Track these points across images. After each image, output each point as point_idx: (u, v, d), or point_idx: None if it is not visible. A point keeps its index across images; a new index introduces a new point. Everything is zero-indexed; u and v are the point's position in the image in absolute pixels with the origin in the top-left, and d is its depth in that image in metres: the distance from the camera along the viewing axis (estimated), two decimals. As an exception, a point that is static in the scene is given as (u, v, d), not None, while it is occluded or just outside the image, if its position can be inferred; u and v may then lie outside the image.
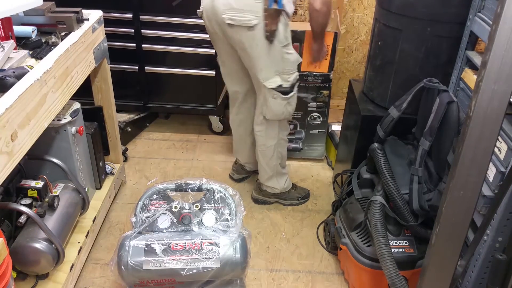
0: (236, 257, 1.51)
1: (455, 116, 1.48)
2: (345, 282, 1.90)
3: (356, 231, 1.74)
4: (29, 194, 1.65)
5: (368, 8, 2.85)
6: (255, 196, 2.32)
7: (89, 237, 1.90)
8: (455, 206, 1.00)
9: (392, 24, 1.78)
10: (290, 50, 1.89)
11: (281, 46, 1.85)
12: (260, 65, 1.88)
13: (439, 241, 1.05)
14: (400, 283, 1.44)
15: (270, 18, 1.76)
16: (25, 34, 1.62)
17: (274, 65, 1.89)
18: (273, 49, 1.84)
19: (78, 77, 1.70)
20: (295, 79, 1.95)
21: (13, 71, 1.37)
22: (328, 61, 2.40)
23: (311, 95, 2.50)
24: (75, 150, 1.85)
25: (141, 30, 2.51)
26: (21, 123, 1.27)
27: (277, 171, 2.21)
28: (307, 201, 2.34)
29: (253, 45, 1.82)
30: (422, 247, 1.65)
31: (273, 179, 2.23)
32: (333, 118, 2.87)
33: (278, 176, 2.23)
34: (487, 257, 1.36)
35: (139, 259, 1.49)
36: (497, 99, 0.87)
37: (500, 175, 1.28)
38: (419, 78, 1.66)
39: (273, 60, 1.87)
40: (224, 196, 1.63)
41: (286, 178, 2.28)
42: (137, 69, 2.62)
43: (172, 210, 1.61)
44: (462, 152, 0.94)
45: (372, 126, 1.81)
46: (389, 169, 1.63)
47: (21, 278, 1.62)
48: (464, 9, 1.62)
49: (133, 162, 2.60)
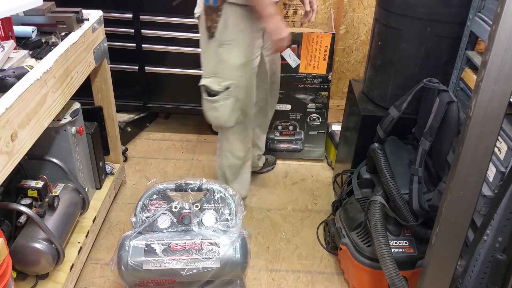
0: (236, 257, 1.51)
1: (455, 116, 1.48)
2: (345, 282, 1.90)
3: (356, 231, 1.75)
4: (29, 194, 1.65)
5: (368, 8, 2.86)
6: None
7: (89, 237, 1.90)
8: (455, 206, 1.00)
9: (392, 24, 1.78)
10: (229, 52, 1.75)
11: (216, 45, 1.75)
12: (202, 60, 1.85)
13: (439, 241, 1.05)
14: (400, 283, 1.44)
15: (205, 14, 1.72)
16: (25, 34, 1.62)
17: (210, 64, 1.81)
18: (210, 47, 1.77)
19: (78, 77, 1.70)
20: (226, 88, 1.80)
21: (13, 71, 1.37)
22: (326, 63, 2.41)
23: (310, 96, 2.50)
24: (75, 150, 1.85)
25: (141, 30, 2.51)
26: (21, 123, 1.27)
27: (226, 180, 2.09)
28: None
29: (200, 38, 1.81)
30: (422, 247, 1.65)
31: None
32: (333, 118, 2.87)
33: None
34: (487, 257, 1.36)
35: (139, 259, 1.49)
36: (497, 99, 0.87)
37: (500, 175, 1.28)
38: (419, 78, 1.66)
39: (208, 58, 1.81)
40: (224, 196, 1.63)
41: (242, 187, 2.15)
42: (137, 69, 2.62)
43: (172, 210, 1.61)
44: (462, 152, 0.94)
45: (372, 126, 1.81)
46: (389, 169, 1.62)
47: (21, 278, 1.62)
48: (464, 9, 1.62)
49: (133, 162, 2.60)
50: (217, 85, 1.80)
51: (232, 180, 2.09)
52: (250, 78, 1.84)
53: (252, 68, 1.83)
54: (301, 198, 2.38)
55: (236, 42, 1.74)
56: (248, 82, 1.84)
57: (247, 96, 1.87)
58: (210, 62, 1.80)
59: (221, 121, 1.88)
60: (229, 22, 1.70)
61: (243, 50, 1.76)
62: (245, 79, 1.81)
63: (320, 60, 2.41)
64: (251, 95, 1.90)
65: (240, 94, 1.83)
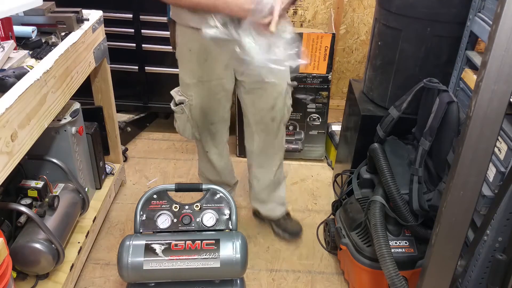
0: (236, 257, 1.51)
1: (455, 116, 1.48)
2: (345, 282, 1.90)
3: (356, 231, 1.74)
4: (29, 194, 1.65)
5: (368, 8, 2.86)
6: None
7: (89, 237, 1.90)
8: (455, 206, 1.00)
9: (392, 24, 1.78)
10: (181, 69, 1.71)
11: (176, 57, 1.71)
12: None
13: (439, 241, 1.05)
14: (400, 283, 1.44)
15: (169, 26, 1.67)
16: (25, 34, 1.62)
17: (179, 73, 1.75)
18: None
19: (78, 77, 1.70)
20: (178, 104, 1.74)
21: (13, 71, 1.37)
22: (326, 63, 2.41)
23: (310, 96, 2.50)
24: (75, 150, 1.85)
25: (141, 30, 2.51)
26: (21, 123, 1.27)
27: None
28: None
29: None
30: (422, 247, 1.65)
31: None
32: (333, 118, 2.87)
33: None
34: (487, 257, 1.36)
35: (139, 259, 1.49)
36: (497, 99, 0.87)
37: (500, 175, 1.28)
38: (419, 78, 1.66)
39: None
40: (224, 196, 1.63)
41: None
42: (137, 69, 2.62)
43: (172, 209, 1.61)
44: (462, 152, 0.94)
45: (372, 126, 1.81)
46: (389, 169, 1.62)
47: (21, 278, 1.62)
48: (464, 9, 1.62)
49: (133, 162, 2.60)
50: (177, 97, 1.76)
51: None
52: (206, 99, 1.72)
53: (208, 89, 1.69)
54: (301, 198, 2.38)
55: (185, 60, 1.67)
56: (204, 102, 1.72)
57: (203, 116, 1.76)
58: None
59: (179, 131, 1.84)
60: (179, 39, 1.64)
61: (191, 70, 1.66)
62: (198, 99, 1.71)
63: (320, 60, 2.41)
64: (210, 116, 1.78)
65: (193, 113, 1.75)
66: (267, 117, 1.79)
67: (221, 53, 1.57)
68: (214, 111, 1.77)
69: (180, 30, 1.61)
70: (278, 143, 1.90)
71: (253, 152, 1.92)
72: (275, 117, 1.79)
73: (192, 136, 1.83)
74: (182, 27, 1.59)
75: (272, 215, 2.10)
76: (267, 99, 1.74)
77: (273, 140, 1.87)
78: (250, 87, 1.73)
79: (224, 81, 1.69)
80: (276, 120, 1.80)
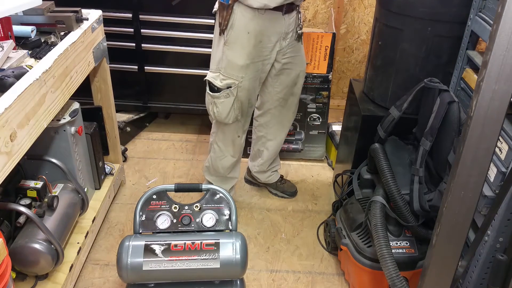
0: (236, 257, 1.51)
1: (456, 116, 1.48)
2: (346, 282, 1.89)
3: (356, 231, 1.74)
4: (28, 195, 1.65)
5: (368, 7, 2.85)
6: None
7: (89, 237, 1.90)
8: (456, 207, 1.00)
9: (393, 24, 1.77)
10: (233, 51, 1.77)
11: (223, 42, 1.77)
12: (212, 55, 1.87)
13: (440, 242, 1.05)
14: (401, 283, 1.43)
15: (218, 10, 1.76)
16: (25, 33, 1.62)
17: (216, 60, 1.83)
18: (219, 43, 1.80)
19: (78, 77, 1.70)
20: (228, 86, 1.81)
21: (12, 71, 1.37)
22: (326, 62, 2.41)
23: (310, 96, 2.50)
24: (74, 150, 1.85)
25: (140, 30, 2.51)
26: (20, 123, 1.27)
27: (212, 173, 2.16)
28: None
29: (214, 33, 1.84)
30: (423, 247, 1.64)
31: (206, 174, 2.21)
32: (334, 118, 2.87)
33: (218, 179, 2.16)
34: (488, 257, 1.35)
35: (138, 260, 1.49)
36: (498, 99, 0.87)
37: (501, 175, 1.27)
38: (420, 78, 1.66)
39: (216, 54, 1.83)
40: (224, 197, 1.63)
41: (230, 184, 2.20)
42: (136, 69, 2.62)
43: (172, 210, 1.61)
44: (463, 152, 0.94)
45: (373, 126, 1.81)
46: (390, 169, 1.62)
47: (21, 279, 1.61)
48: (465, 8, 1.62)
49: (133, 162, 2.60)
50: (219, 82, 1.82)
51: (214, 175, 2.16)
52: (252, 80, 1.85)
53: (256, 71, 1.83)
54: (301, 198, 2.38)
55: (241, 42, 1.75)
56: (251, 84, 1.85)
57: (247, 98, 1.88)
58: (216, 58, 1.83)
59: (221, 117, 1.90)
60: (237, 22, 1.72)
61: (247, 52, 1.76)
62: (247, 80, 1.82)
63: (321, 59, 2.41)
64: (252, 98, 1.92)
65: (240, 95, 1.84)
66: (288, 93, 2.03)
67: (273, 34, 1.79)
68: (255, 93, 1.93)
69: (241, 13, 1.71)
70: (292, 116, 2.16)
71: (268, 124, 2.14)
72: (296, 93, 2.07)
73: (234, 119, 1.91)
74: (243, 10, 1.70)
75: (271, 181, 2.35)
76: (292, 77, 1.99)
77: (288, 113, 2.12)
78: (282, 68, 1.93)
79: (266, 62, 1.86)
80: (296, 95, 2.08)
